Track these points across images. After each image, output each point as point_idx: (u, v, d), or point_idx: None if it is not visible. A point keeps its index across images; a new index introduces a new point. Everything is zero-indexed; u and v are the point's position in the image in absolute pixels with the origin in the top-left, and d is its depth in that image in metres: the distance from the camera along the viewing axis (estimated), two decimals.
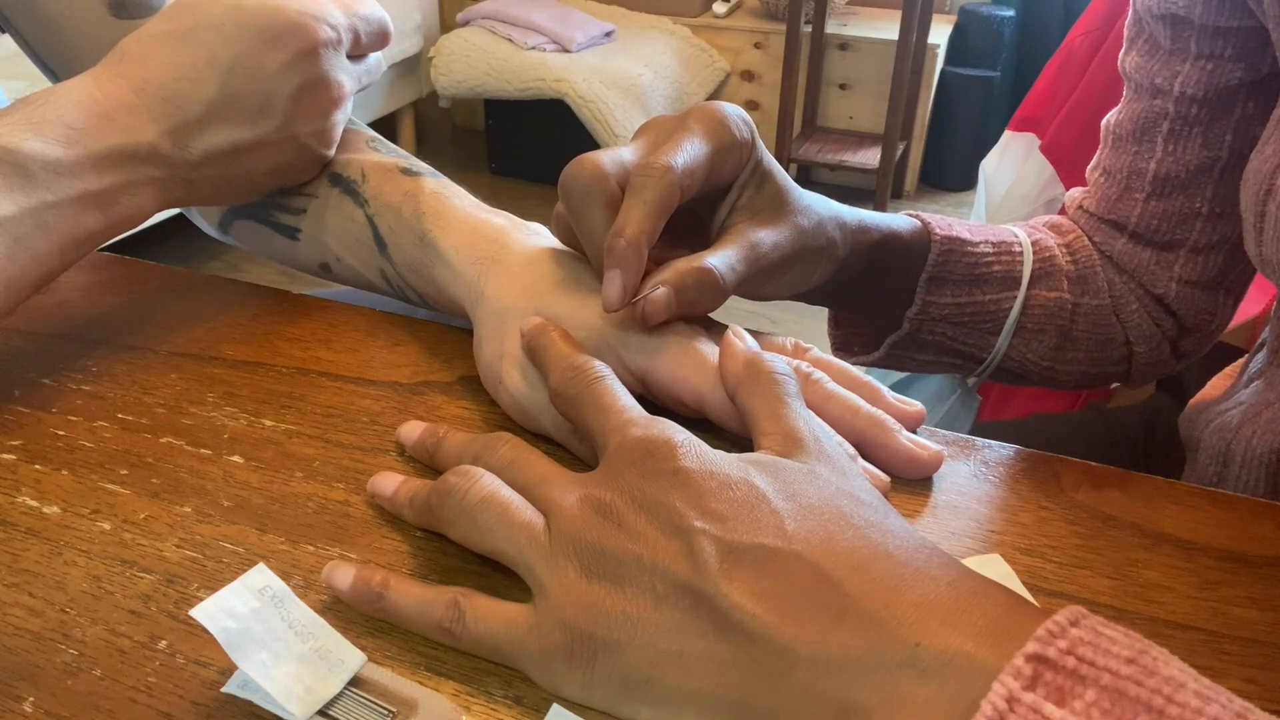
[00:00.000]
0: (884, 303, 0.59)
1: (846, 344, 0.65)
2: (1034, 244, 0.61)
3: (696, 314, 0.42)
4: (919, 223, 0.57)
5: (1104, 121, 0.64)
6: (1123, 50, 0.62)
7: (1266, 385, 0.57)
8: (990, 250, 0.59)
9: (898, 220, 0.56)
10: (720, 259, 0.42)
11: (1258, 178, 0.51)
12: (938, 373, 0.73)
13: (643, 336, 0.41)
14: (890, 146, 2.72)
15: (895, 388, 0.76)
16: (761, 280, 0.45)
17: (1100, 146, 0.65)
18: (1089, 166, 0.66)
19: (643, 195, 0.39)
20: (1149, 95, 0.60)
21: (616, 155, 0.42)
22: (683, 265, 0.41)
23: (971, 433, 0.63)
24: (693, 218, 0.46)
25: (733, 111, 0.43)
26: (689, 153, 0.41)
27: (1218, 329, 0.65)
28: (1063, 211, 0.68)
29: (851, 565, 0.28)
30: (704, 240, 0.46)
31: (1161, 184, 0.60)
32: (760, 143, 0.44)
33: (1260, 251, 0.52)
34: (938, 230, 0.57)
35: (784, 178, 0.46)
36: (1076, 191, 0.67)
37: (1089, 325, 0.62)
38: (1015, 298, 0.59)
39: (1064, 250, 0.63)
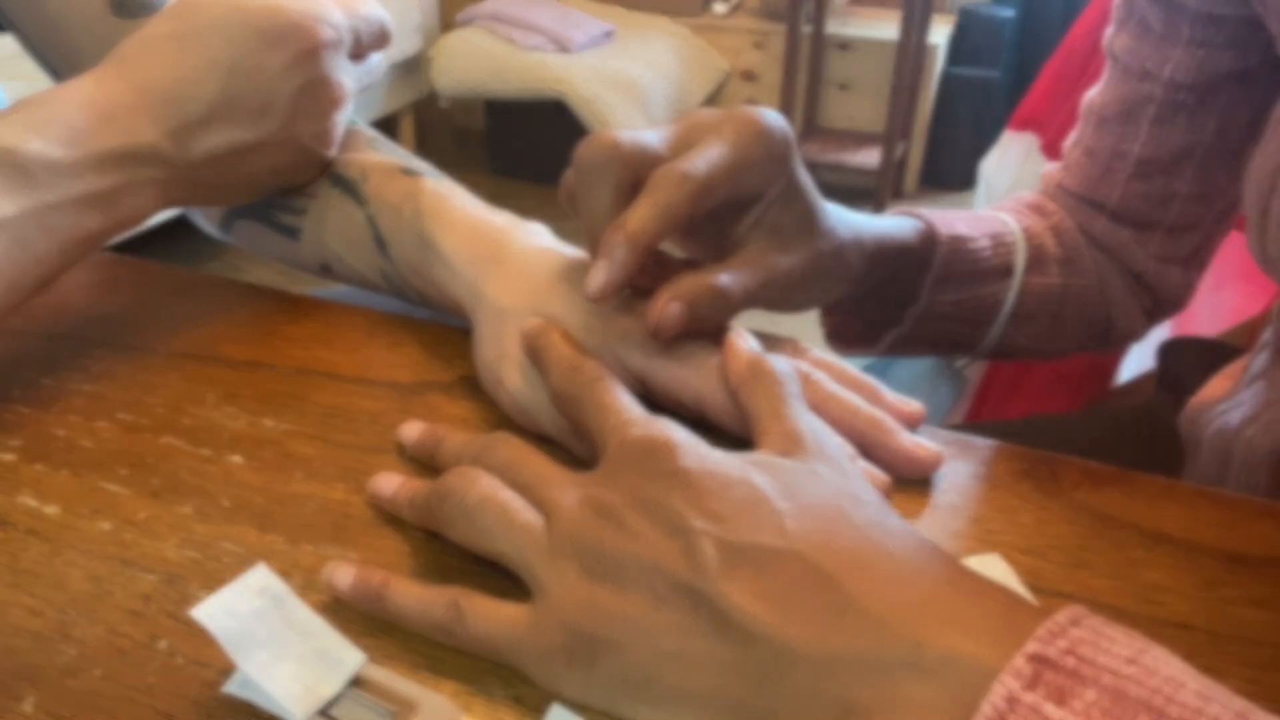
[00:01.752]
0: (887, 304, 0.59)
1: (839, 331, 0.64)
2: (1024, 230, 0.62)
3: (704, 330, 0.41)
4: (923, 224, 0.57)
5: (1085, 99, 0.64)
6: (1111, 30, 0.62)
7: (1268, 385, 0.57)
8: (988, 245, 0.59)
9: (906, 228, 0.55)
10: (735, 280, 0.41)
11: (1261, 175, 0.51)
12: (926, 356, 0.74)
13: (643, 337, 0.41)
14: (890, 147, 2.72)
15: (873, 369, 0.77)
16: (771, 302, 0.45)
17: (1080, 124, 0.65)
18: (1067, 143, 0.66)
19: (655, 197, 0.39)
20: (1136, 78, 0.60)
21: (639, 140, 0.40)
22: (696, 283, 0.40)
23: (965, 415, 0.64)
24: (713, 215, 0.45)
25: (774, 125, 0.41)
26: (715, 164, 0.39)
27: (1187, 301, 0.68)
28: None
29: (851, 565, 0.28)
30: (718, 238, 0.45)
31: (1144, 166, 0.61)
32: (797, 158, 0.43)
33: (1264, 251, 0.52)
34: (942, 231, 0.57)
35: (814, 197, 0.44)
36: (1054, 167, 0.68)
37: (1077, 305, 0.63)
38: (1009, 288, 0.60)
39: (1050, 234, 0.64)
